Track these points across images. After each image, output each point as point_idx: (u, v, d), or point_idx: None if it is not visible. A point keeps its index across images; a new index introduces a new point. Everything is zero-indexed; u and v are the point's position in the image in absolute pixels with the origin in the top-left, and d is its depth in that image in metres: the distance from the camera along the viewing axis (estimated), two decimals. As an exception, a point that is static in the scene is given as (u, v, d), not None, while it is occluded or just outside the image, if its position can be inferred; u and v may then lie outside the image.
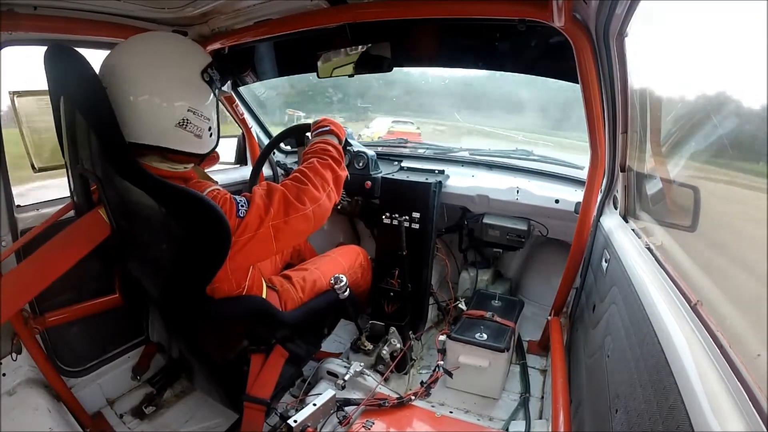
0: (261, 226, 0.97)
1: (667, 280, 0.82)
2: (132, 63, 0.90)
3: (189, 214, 0.89)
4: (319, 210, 1.07)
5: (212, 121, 1.00)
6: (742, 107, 0.69)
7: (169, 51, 0.95)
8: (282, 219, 1.00)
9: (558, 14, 1.05)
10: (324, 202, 1.08)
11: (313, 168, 1.10)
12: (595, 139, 1.34)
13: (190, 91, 0.94)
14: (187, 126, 0.94)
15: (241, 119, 2.08)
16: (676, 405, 0.55)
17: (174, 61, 0.94)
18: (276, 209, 0.99)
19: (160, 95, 0.90)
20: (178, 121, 0.92)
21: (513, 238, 1.85)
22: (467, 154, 2.15)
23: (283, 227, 1.00)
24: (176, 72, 0.93)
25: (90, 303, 1.43)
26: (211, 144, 1.03)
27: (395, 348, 1.66)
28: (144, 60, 0.91)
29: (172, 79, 0.92)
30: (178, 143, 0.94)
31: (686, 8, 0.81)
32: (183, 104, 0.92)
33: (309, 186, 1.05)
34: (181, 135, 0.94)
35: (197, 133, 0.96)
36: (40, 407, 1.26)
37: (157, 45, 0.95)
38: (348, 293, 1.42)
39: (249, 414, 1.15)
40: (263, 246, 0.99)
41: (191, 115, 0.94)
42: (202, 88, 0.96)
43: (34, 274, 0.93)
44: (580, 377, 1.24)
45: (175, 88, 0.92)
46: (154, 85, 0.90)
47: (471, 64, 1.77)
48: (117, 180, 0.89)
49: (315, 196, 1.05)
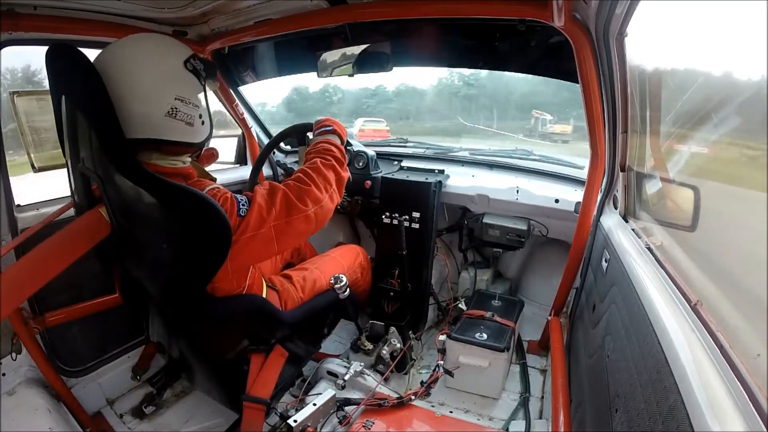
0: (262, 225, 0.97)
1: (667, 280, 0.82)
2: (116, 60, 0.91)
3: (189, 212, 0.89)
4: (321, 211, 1.06)
5: (201, 108, 1.00)
6: (742, 106, 0.69)
7: (151, 46, 0.96)
8: (284, 219, 1.00)
9: (558, 14, 1.05)
10: (326, 203, 1.08)
11: (315, 168, 1.10)
12: (595, 139, 1.34)
13: (175, 81, 0.94)
14: (177, 114, 0.94)
15: (241, 119, 2.08)
16: (676, 405, 0.55)
17: (157, 53, 0.95)
18: (278, 209, 0.99)
19: (146, 87, 0.91)
20: (166, 110, 0.93)
21: (513, 238, 1.85)
22: (467, 154, 2.15)
23: (285, 228, 1.00)
24: (160, 63, 0.94)
25: (90, 303, 1.43)
26: (205, 132, 1.03)
27: (395, 348, 1.66)
28: (128, 56, 0.92)
29: (156, 71, 0.93)
30: (170, 133, 0.95)
31: (686, 8, 0.81)
32: (170, 93, 0.93)
33: (311, 187, 1.05)
34: (172, 124, 0.94)
35: (188, 120, 0.96)
36: (40, 407, 1.26)
37: (138, 42, 0.96)
38: (348, 293, 1.42)
39: (249, 414, 1.15)
40: (264, 246, 0.99)
41: (179, 103, 0.94)
42: (187, 77, 0.96)
43: (33, 271, 0.93)
44: (580, 377, 1.24)
45: (161, 79, 0.92)
46: (141, 78, 0.90)
47: (471, 63, 1.77)
48: (117, 178, 0.89)
49: (317, 197, 1.05)
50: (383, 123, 7.12)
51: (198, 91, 0.99)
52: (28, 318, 1.29)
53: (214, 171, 1.93)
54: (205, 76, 1.01)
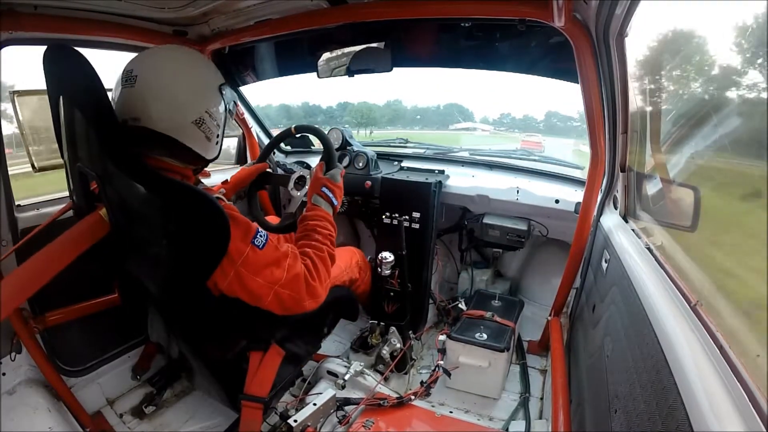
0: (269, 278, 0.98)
1: (666, 281, 0.82)
2: (161, 62, 0.96)
3: (186, 206, 0.90)
4: (314, 304, 1.07)
5: (221, 129, 1.06)
6: (742, 106, 0.69)
7: (197, 59, 1.04)
8: (287, 291, 1.01)
9: (558, 14, 1.05)
10: (320, 301, 1.09)
11: (323, 259, 1.11)
12: (595, 139, 1.34)
13: (210, 97, 1.00)
14: (202, 126, 0.98)
15: (241, 119, 2.08)
16: (676, 405, 0.55)
17: (200, 67, 1.02)
18: (288, 281, 1.00)
19: (185, 92, 0.96)
20: (195, 118, 0.97)
21: (513, 238, 1.85)
22: (467, 154, 2.15)
23: (281, 295, 1.00)
24: (202, 77, 1.00)
25: (90, 303, 1.43)
26: (215, 152, 1.07)
27: (395, 348, 1.66)
28: (178, 59, 0.99)
29: (198, 81, 0.99)
30: (189, 139, 0.98)
31: (686, 7, 0.81)
32: (203, 105, 0.98)
33: (317, 283, 1.06)
34: (194, 132, 0.98)
35: (208, 134, 1.01)
36: (40, 407, 1.26)
37: (186, 53, 1.03)
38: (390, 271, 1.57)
39: (247, 412, 1.15)
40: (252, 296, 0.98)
41: (207, 116, 0.99)
42: (218, 98, 1.02)
43: (33, 272, 0.93)
44: (579, 377, 1.24)
45: (200, 89, 0.99)
46: (184, 81, 0.96)
47: (471, 64, 1.77)
48: (117, 176, 0.89)
49: (317, 293, 1.07)
50: (538, 136, 7.68)
51: (223, 115, 1.04)
52: (29, 318, 1.29)
53: (214, 171, 1.93)
54: (231, 108, 1.08)
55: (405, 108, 14.19)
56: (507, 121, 11.03)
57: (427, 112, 13.58)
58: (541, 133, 8.56)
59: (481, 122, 9.03)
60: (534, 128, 9.77)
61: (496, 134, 8.50)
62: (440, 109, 12.92)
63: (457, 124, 9.00)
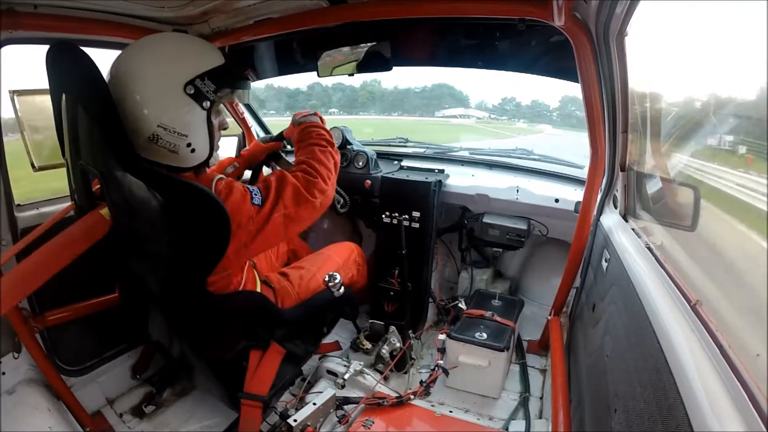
0: (273, 213, 1.03)
1: (666, 280, 0.82)
2: (120, 67, 0.90)
3: (187, 203, 0.90)
4: (326, 200, 1.14)
5: (193, 137, 0.95)
6: (742, 106, 0.69)
7: (157, 58, 0.92)
8: (293, 209, 1.06)
9: (558, 13, 1.05)
10: (329, 192, 1.15)
11: (317, 158, 1.16)
12: (595, 138, 1.34)
13: (163, 108, 0.90)
14: (158, 141, 0.92)
15: (241, 119, 2.08)
16: (675, 405, 0.55)
17: (158, 69, 0.91)
18: (289, 200, 1.05)
19: (131, 107, 0.89)
20: (147, 135, 0.91)
21: (513, 238, 1.85)
22: (467, 153, 2.15)
23: (294, 216, 1.06)
24: (156, 82, 0.90)
25: (90, 302, 1.43)
26: (195, 159, 1.00)
27: (395, 347, 1.66)
28: (134, 64, 0.90)
29: (149, 89, 0.89)
30: (154, 155, 0.94)
31: (686, 7, 0.81)
32: (154, 119, 0.90)
33: (318, 179, 1.11)
34: (153, 148, 0.93)
35: (171, 148, 0.94)
36: (40, 406, 1.26)
37: (149, 48, 0.93)
38: (343, 291, 1.41)
39: (246, 411, 1.15)
40: (275, 233, 1.04)
41: (161, 131, 0.91)
42: (181, 102, 0.92)
43: (32, 269, 0.93)
44: (579, 377, 1.24)
45: (151, 100, 0.90)
46: (133, 92, 0.89)
47: (471, 63, 1.77)
48: (119, 174, 0.89)
49: (323, 188, 1.12)
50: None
51: (193, 118, 0.94)
52: (28, 317, 1.29)
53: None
54: (212, 99, 0.96)
55: (383, 90, 12.02)
56: (510, 108, 9.35)
57: (408, 95, 11.54)
58: (554, 125, 7.09)
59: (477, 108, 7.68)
60: (545, 118, 8.11)
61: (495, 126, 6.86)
62: (426, 91, 10.97)
63: (445, 110, 7.77)
